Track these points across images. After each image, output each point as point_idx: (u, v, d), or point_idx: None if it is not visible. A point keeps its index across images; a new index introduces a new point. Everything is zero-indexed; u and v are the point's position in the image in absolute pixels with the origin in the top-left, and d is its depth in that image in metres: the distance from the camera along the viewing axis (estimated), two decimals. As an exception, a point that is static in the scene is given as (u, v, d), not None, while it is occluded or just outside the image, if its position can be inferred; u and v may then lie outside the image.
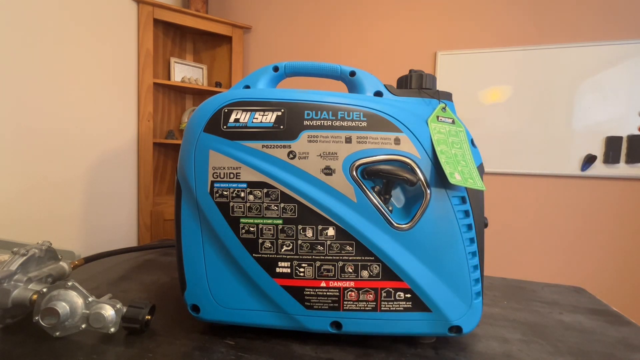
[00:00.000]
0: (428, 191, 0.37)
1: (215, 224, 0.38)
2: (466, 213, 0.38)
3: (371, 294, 0.38)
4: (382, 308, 0.38)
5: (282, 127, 0.37)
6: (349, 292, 0.38)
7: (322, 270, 0.38)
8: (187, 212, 0.39)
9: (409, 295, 0.38)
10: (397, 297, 0.38)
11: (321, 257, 0.38)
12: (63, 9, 1.48)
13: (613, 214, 1.70)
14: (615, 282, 1.71)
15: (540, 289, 0.62)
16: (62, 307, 0.36)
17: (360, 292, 0.38)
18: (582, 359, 0.39)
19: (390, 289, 0.38)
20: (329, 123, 0.37)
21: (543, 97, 1.74)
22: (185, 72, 2.12)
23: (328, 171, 0.37)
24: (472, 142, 0.41)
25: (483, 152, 1.81)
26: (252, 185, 0.38)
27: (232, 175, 0.38)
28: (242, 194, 0.38)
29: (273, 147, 0.37)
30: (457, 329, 0.38)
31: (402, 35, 1.96)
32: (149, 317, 0.40)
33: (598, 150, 1.68)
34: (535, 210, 1.80)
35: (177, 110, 2.19)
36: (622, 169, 1.66)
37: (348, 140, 0.37)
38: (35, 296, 0.38)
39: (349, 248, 0.37)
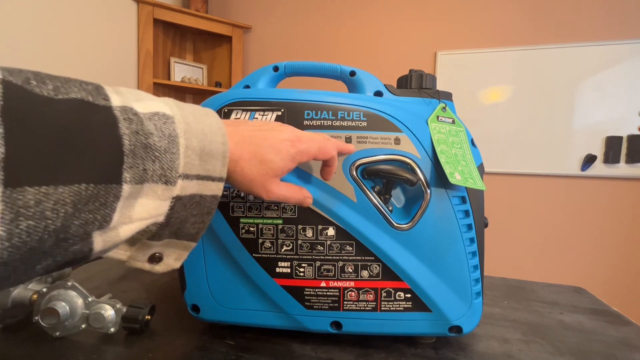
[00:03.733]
0: (428, 191, 0.37)
1: (215, 224, 0.38)
2: (466, 213, 0.38)
3: (371, 294, 0.38)
4: (382, 308, 0.38)
5: (282, 127, 0.37)
6: (349, 292, 0.38)
7: (322, 270, 0.38)
8: (187, 212, 0.39)
9: (409, 295, 0.38)
10: (397, 297, 0.38)
11: (321, 257, 0.38)
12: (63, 9, 1.48)
13: (613, 214, 1.70)
14: (615, 282, 1.71)
15: (540, 289, 0.62)
16: (62, 307, 0.36)
17: (360, 292, 0.38)
18: (582, 359, 0.39)
19: (390, 289, 0.38)
20: (329, 123, 0.37)
21: (543, 97, 1.74)
22: (185, 72, 2.12)
23: (328, 171, 0.37)
24: (472, 142, 0.41)
25: (483, 152, 1.81)
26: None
27: (232, 175, 0.38)
28: (242, 194, 0.38)
29: (273, 147, 0.37)
30: (457, 329, 0.38)
31: (402, 35, 1.96)
32: (149, 317, 0.40)
33: (598, 150, 1.68)
34: (535, 210, 1.80)
35: (177, 110, 2.19)
36: (622, 169, 1.66)
37: (348, 140, 0.37)
38: (35, 296, 0.38)
39: (349, 248, 0.37)
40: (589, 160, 1.68)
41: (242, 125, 0.28)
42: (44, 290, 0.38)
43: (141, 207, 0.20)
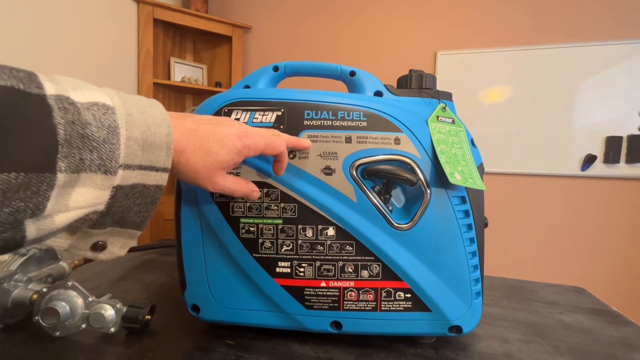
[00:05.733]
0: (428, 191, 0.37)
1: (215, 224, 0.38)
2: (466, 213, 0.38)
3: (371, 293, 0.38)
4: (382, 308, 0.38)
5: (282, 127, 0.37)
6: (349, 292, 0.38)
7: (322, 270, 0.38)
8: (187, 212, 0.39)
9: (409, 295, 0.38)
10: (397, 297, 0.38)
11: (321, 257, 0.38)
12: (63, 9, 1.48)
13: (613, 214, 1.70)
14: (615, 282, 1.71)
15: (540, 289, 0.62)
16: (62, 307, 0.36)
17: (361, 292, 0.38)
18: (582, 359, 0.39)
19: (390, 289, 0.38)
20: (329, 123, 0.37)
21: (543, 97, 1.74)
22: (185, 72, 2.12)
23: (328, 171, 0.37)
24: (472, 142, 0.41)
25: (483, 152, 1.80)
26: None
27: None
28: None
29: (273, 147, 0.37)
30: (457, 329, 0.38)
31: (402, 35, 1.96)
32: (149, 317, 0.40)
33: (598, 150, 1.68)
34: (535, 210, 1.80)
35: (177, 110, 2.19)
36: (622, 169, 1.66)
37: (348, 140, 0.37)
38: (35, 296, 0.38)
39: (349, 248, 0.37)
40: (589, 160, 1.68)
41: (188, 118, 0.29)
42: (44, 290, 0.38)
43: (79, 196, 0.20)
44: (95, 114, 0.20)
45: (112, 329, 0.38)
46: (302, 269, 0.38)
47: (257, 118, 0.38)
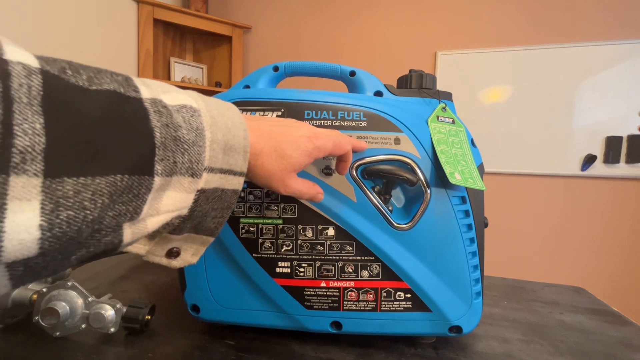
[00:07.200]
0: (428, 191, 0.37)
1: (215, 224, 0.38)
2: (466, 213, 0.38)
3: (371, 294, 0.38)
4: (382, 308, 0.38)
5: (282, 127, 0.37)
6: (349, 292, 0.38)
7: (322, 270, 0.38)
8: (187, 212, 0.39)
9: (409, 295, 0.38)
10: (397, 297, 0.38)
11: (321, 257, 0.38)
12: (63, 9, 1.48)
13: (613, 214, 1.70)
14: (615, 282, 1.71)
15: (540, 289, 0.62)
16: (62, 307, 0.36)
17: (361, 292, 0.38)
18: (582, 359, 0.39)
19: (390, 289, 0.38)
20: (329, 123, 0.37)
21: (543, 97, 1.74)
22: (185, 72, 2.12)
23: (328, 171, 0.37)
24: (472, 142, 0.41)
25: (483, 152, 1.80)
26: (252, 185, 0.38)
27: (232, 175, 0.38)
28: (242, 194, 0.38)
29: (273, 147, 0.37)
30: (457, 329, 0.38)
31: (402, 35, 1.96)
32: (149, 317, 0.40)
33: (598, 150, 1.68)
34: (535, 210, 1.80)
35: (177, 110, 2.19)
36: (622, 169, 1.66)
37: (348, 140, 0.37)
38: (35, 296, 0.38)
39: (349, 248, 0.37)
40: (589, 160, 1.68)
41: (261, 121, 0.28)
42: (44, 290, 0.38)
43: (168, 200, 0.20)
44: (184, 116, 0.20)
45: (112, 329, 0.38)
46: (302, 269, 0.38)
47: (257, 118, 0.38)
